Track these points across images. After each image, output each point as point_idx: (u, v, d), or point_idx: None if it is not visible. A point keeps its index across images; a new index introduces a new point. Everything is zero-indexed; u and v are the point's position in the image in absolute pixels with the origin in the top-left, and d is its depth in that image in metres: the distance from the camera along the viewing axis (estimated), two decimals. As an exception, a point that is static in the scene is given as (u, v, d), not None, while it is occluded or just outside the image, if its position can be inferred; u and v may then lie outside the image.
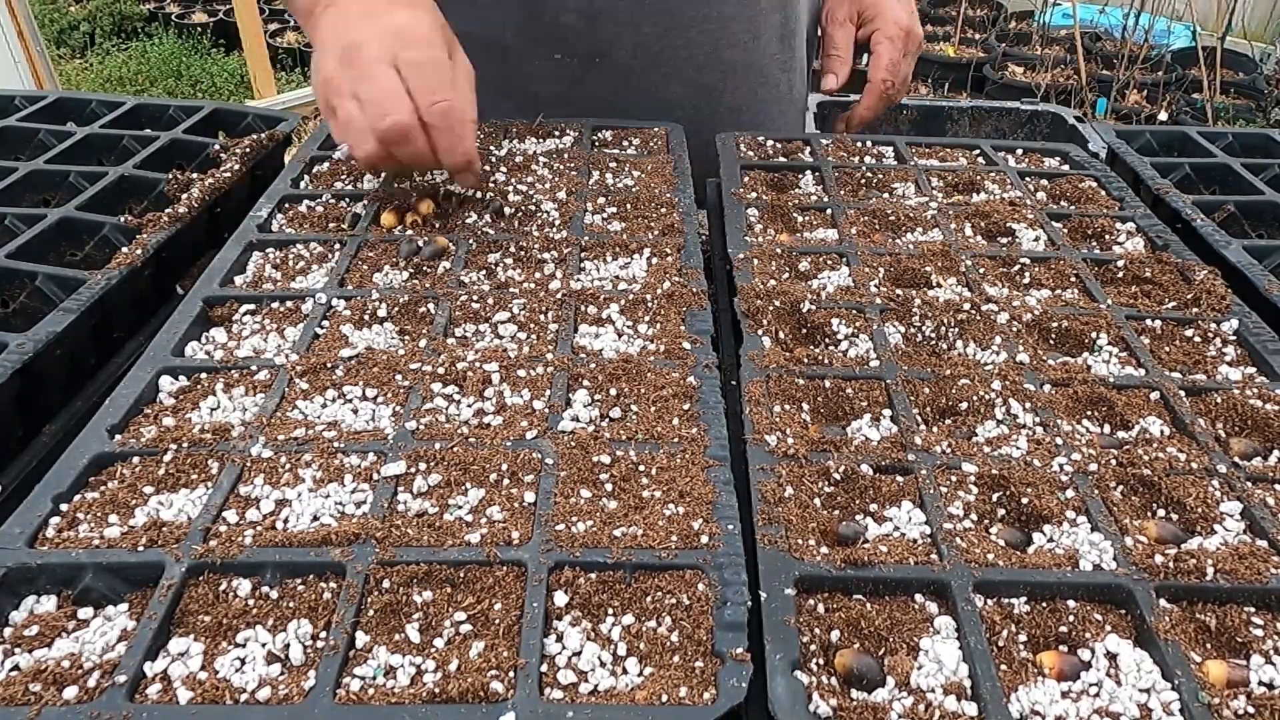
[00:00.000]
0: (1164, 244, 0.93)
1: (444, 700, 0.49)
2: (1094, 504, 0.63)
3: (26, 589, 0.56)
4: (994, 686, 0.51)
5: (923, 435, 0.68)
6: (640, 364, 0.73)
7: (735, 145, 1.11)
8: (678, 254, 0.88)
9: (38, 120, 1.17)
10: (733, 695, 0.49)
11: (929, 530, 0.61)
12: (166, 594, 0.55)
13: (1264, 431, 0.71)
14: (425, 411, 0.69)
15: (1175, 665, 0.52)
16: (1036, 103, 1.77)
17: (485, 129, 1.13)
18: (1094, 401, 0.73)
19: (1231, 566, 0.57)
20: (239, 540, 0.58)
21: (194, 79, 4.80)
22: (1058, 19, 4.48)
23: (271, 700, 0.50)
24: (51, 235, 0.92)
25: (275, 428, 0.67)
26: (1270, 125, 3.62)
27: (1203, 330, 0.81)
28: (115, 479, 0.64)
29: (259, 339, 0.78)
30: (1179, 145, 1.20)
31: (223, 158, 1.09)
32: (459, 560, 0.57)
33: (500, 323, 0.80)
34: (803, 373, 0.74)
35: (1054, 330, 0.81)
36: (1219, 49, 3.64)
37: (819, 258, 0.90)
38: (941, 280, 0.87)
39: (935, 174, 1.07)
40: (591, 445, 0.66)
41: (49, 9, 5.42)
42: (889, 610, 0.56)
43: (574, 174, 1.03)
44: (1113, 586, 0.57)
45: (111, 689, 0.50)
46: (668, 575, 0.56)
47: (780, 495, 0.62)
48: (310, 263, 0.88)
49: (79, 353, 0.82)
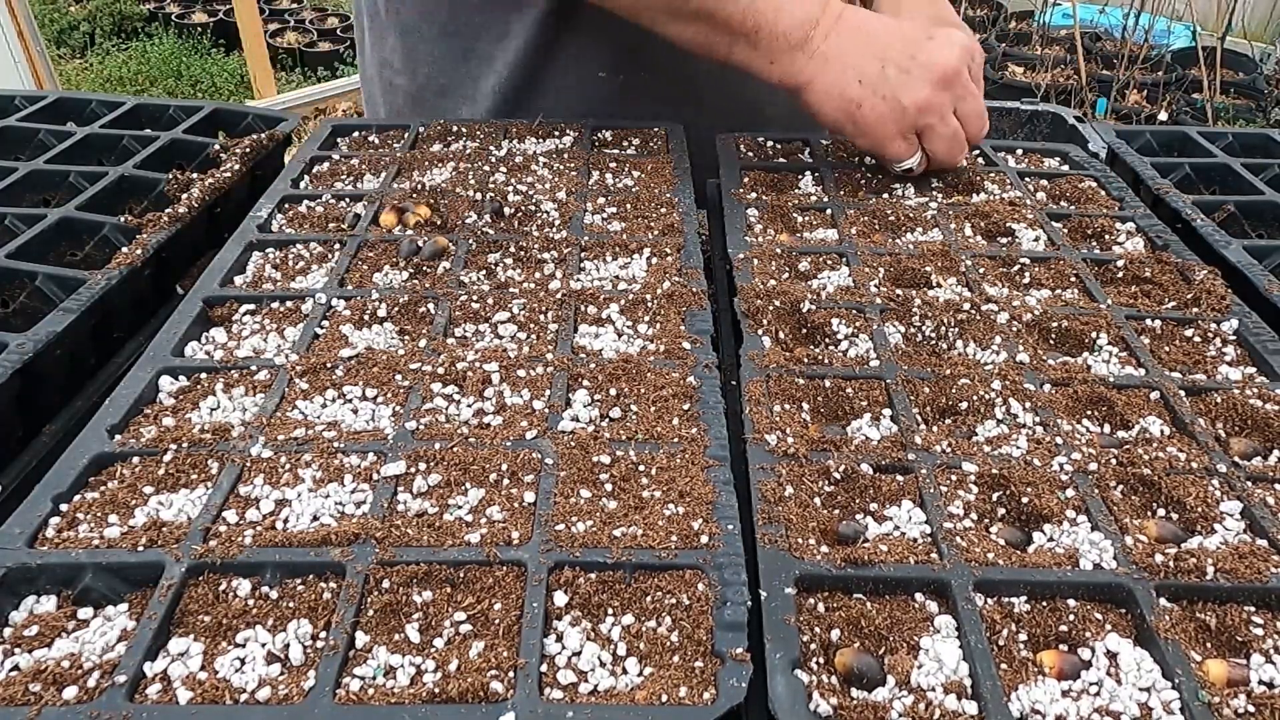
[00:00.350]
0: (1164, 244, 0.93)
1: (444, 700, 0.49)
2: (1094, 503, 0.63)
3: (26, 589, 0.56)
4: (994, 685, 0.51)
5: (923, 435, 0.68)
6: (640, 364, 0.73)
7: (735, 145, 1.11)
8: (678, 254, 0.88)
9: (38, 120, 1.17)
10: (733, 695, 0.49)
11: (929, 529, 0.61)
12: (166, 594, 0.55)
13: (1264, 431, 0.71)
14: (425, 411, 0.69)
15: (1175, 664, 0.52)
16: (1036, 103, 1.77)
17: (485, 129, 1.13)
18: (1094, 401, 0.73)
19: (1232, 566, 0.57)
20: (239, 540, 0.58)
21: (194, 79, 4.81)
22: (1058, 19, 4.49)
23: (271, 700, 0.50)
24: (51, 235, 0.92)
25: (275, 428, 0.67)
26: (1270, 125, 3.62)
27: (1203, 330, 0.81)
28: (115, 479, 0.64)
29: (259, 339, 0.78)
30: (1179, 145, 1.20)
31: (223, 158, 1.09)
32: (459, 560, 0.57)
33: (500, 323, 0.80)
34: (803, 372, 0.74)
35: (1054, 330, 0.81)
36: (1219, 49, 3.64)
37: (819, 258, 0.90)
38: (941, 280, 0.87)
39: (935, 174, 1.07)
40: (591, 445, 0.66)
41: (49, 9, 5.43)
42: (889, 609, 0.56)
43: (574, 174, 1.03)
44: (1113, 586, 0.57)
45: (111, 689, 0.50)
46: (667, 575, 0.56)
47: (780, 495, 0.62)
48: (310, 263, 0.88)
49: (79, 353, 0.82)
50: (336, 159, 1.07)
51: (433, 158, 1.06)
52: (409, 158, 1.06)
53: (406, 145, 1.09)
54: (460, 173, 1.03)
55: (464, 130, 1.13)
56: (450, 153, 1.07)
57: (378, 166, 1.05)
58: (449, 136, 1.12)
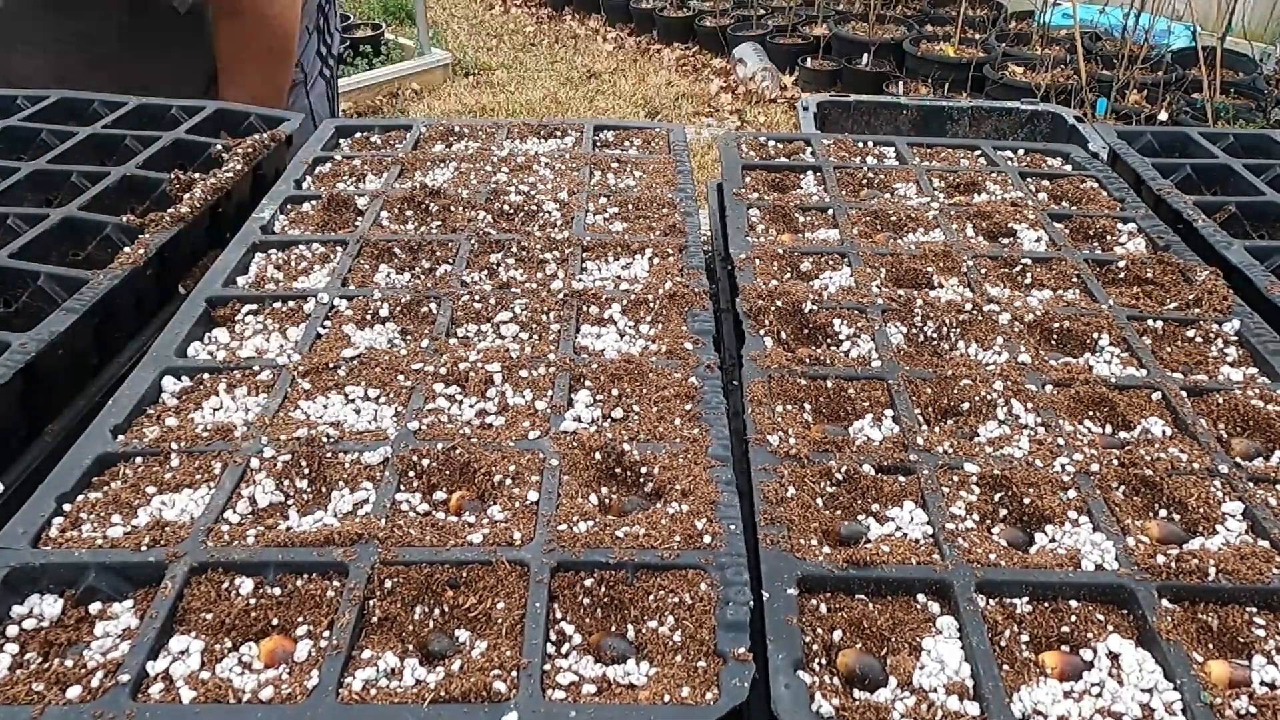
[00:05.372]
0: (1165, 244, 0.93)
1: (446, 700, 0.49)
2: (1096, 504, 0.63)
3: (30, 588, 0.56)
4: (996, 686, 0.51)
5: (925, 435, 0.68)
6: (642, 364, 0.73)
7: (737, 146, 1.11)
8: (679, 254, 0.88)
9: (40, 120, 1.17)
10: (735, 695, 0.49)
11: (931, 530, 0.61)
12: (169, 593, 0.55)
13: (1265, 432, 0.71)
14: (427, 412, 0.69)
15: (1177, 665, 0.52)
16: (1036, 103, 1.77)
17: (487, 129, 1.13)
18: (1096, 402, 0.73)
19: (1233, 567, 0.57)
20: (242, 539, 0.58)
21: (194, 79, 4.79)
22: (1058, 19, 4.48)
23: (274, 699, 0.50)
24: (54, 235, 0.92)
25: (278, 427, 0.67)
26: (1270, 125, 3.62)
27: (1204, 331, 0.81)
28: (118, 479, 0.64)
29: (261, 339, 0.78)
30: (1180, 146, 1.20)
31: (225, 158, 1.09)
32: (461, 560, 0.57)
33: (502, 323, 0.80)
34: (805, 373, 0.74)
35: (1055, 331, 0.81)
36: (1219, 49, 3.64)
37: (820, 258, 0.90)
38: (943, 280, 0.87)
39: (936, 174, 1.07)
40: (593, 445, 0.66)
41: (49, 9, 5.41)
42: (891, 610, 0.56)
43: (576, 174, 1.03)
44: (1115, 587, 0.57)
45: (115, 688, 0.50)
46: (670, 575, 0.56)
47: (782, 495, 0.62)
48: (312, 263, 0.88)
49: (81, 352, 0.82)
50: (339, 159, 1.07)
51: (434, 158, 1.06)
52: (411, 158, 1.06)
53: (409, 145, 1.09)
54: (462, 173, 1.03)
55: (466, 130, 1.13)
56: (452, 153, 1.07)
57: (380, 167, 1.05)
58: (450, 137, 1.12)
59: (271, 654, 0.53)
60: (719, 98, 4.59)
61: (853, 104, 1.80)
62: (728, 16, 5.22)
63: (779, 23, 5.04)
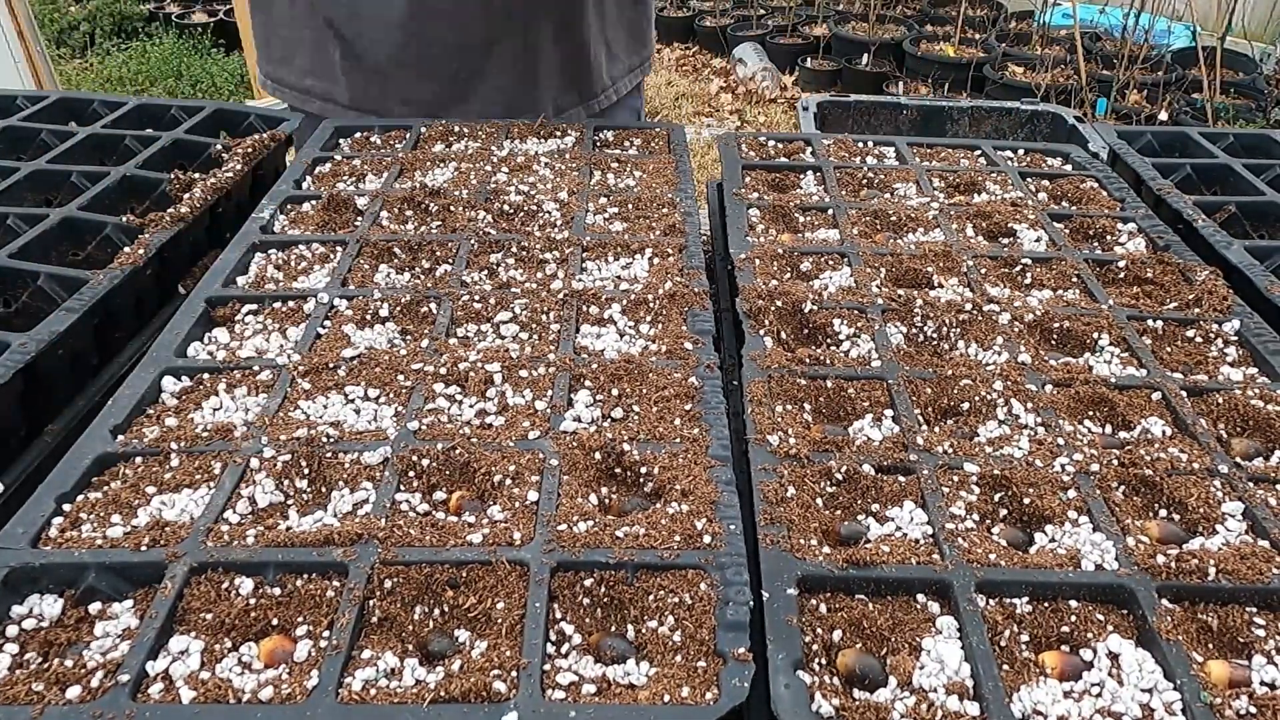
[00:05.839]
0: (1165, 244, 0.93)
1: (446, 700, 0.49)
2: (1096, 504, 0.63)
3: (30, 588, 0.56)
4: (996, 686, 0.51)
5: (924, 435, 0.68)
6: (642, 364, 0.73)
7: (737, 145, 1.11)
8: (679, 254, 0.88)
9: (40, 120, 1.17)
10: (735, 695, 0.49)
11: (931, 530, 0.61)
12: (169, 593, 0.55)
13: (1265, 432, 0.71)
14: (427, 412, 0.69)
15: (1177, 665, 0.52)
16: (1036, 103, 1.77)
17: (486, 129, 1.13)
18: (1095, 402, 0.73)
19: (1233, 567, 0.57)
20: (241, 539, 0.58)
21: (194, 79, 4.81)
22: (1058, 19, 4.49)
23: (274, 699, 0.50)
24: (54, 235, 0.92)
25: (278, 427, 0.67)
26: (1270, 125, 3.62)
27: (1204, 331, 0.81)
28: (118, 479, 0.64)
29: (261, 339, 0.78)
30: (1180, 146, 1.20)
31: (224, 158, 1.09)
32: (461, 560, 0.57)
33: (502, 323, 0.80)
34: (804, 373, 0.74)
35: (1055, 331, 0.81)
36: (1219, 49, 3.64)
37: (820, 258, 0.90)
38: (943, 280, 0.87)
39: (936, 174, 1.07)
40: (593, 445, 0.66)
41: (49, 9, 5.43)
42: (891, 610, 0.56)
43: (575, 174, 1.03)
44: (1115, 587, 0.57)
45: (114, 688, 0.50)
46: (670, 575, 0.56)
47: (782, 495, 0.62)
48: (312, 263, 0.88)
49: (81, 352, 0.82)
50: (339, 159, 1.07)
51: (434, 158, 1.06)
52: (411, 158, 1.06)
53: (409, 145, 1.09)
54: (462, 173, 1.03)
55: (465, 130, 1.13)
56: (452, 153, 1.07)
57: (380, 166, 1.05)
58: (450, 137, 1.12)
59: (271, 654, 0.53)
60: (719, 98, 4.59)
61: (853, 104, 1.81)
62: (728, 16, 5.23)
63: (779, 23, 5.05)
